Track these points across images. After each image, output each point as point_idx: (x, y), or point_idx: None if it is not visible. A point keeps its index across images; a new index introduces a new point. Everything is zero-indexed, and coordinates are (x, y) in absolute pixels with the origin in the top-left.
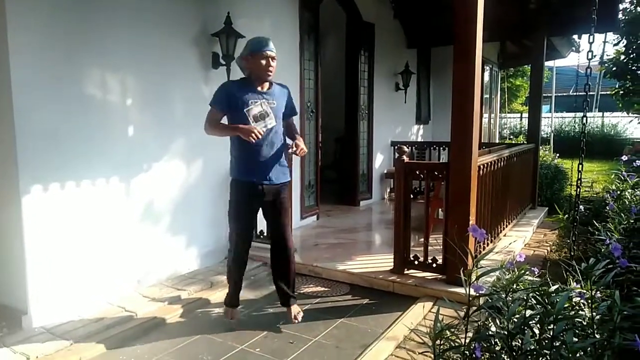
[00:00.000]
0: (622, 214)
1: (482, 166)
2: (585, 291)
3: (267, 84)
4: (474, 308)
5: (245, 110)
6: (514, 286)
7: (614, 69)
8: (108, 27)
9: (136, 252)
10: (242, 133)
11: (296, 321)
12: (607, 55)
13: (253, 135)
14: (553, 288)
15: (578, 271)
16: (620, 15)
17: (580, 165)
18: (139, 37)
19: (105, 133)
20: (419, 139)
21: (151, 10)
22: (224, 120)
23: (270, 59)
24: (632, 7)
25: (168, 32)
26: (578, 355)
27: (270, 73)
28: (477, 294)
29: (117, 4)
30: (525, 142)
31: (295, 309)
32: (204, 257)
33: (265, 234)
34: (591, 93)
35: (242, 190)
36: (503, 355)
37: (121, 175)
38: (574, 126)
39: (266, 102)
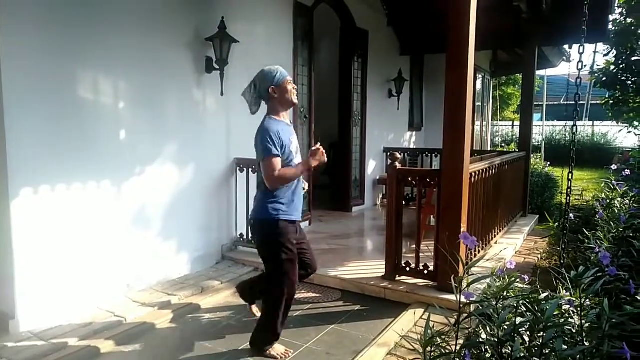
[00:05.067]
0: (611, 223)
1: (473, 173)
2: (574, 299)
3: (287, 115)
4: (465, 315)
5: (290, 146)
6: (505, 294)
7: (604, 79)
8: (101, 30)
9: (126, 257)
10: (315, 161)
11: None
12: (597, 66)
13: (322, 156)
14: (543, 296)
15: (568, 279)
16: (610, 26)
17: (571, 174)
18: (132, 40)
19: (97, 137)
20: (412, 146)
21: (144, 13)
22: None
23: (292, 83)
24: (622, 18)
25: (161, 36)
26: None
27: (296, 97)
28: (468, 301)
29: (110, 8)
30: (516, 150)
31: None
32: (194, 262)
33: None
34: (581, 102)
35: (290, 230)
36: None
37: (112, 179)
38: (565, 135)
39: (294, 134)
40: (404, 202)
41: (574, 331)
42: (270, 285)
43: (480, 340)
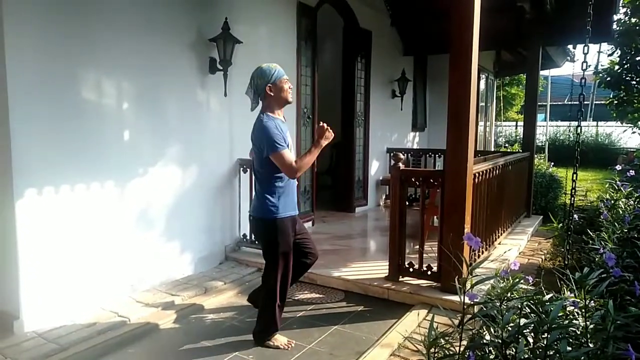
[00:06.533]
0: (615, 223)
1: (477, 174)
2: (579, 300)
3: (281, 112)
4: (469, 316)
5: (287, 141)
6: (509, 295)
7: (608, 79)
8: (105, 32)
9: (130, 257)
10: (325, 139)
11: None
12: (601, 66)
13: (328, 132)
14: (547, 297)
15: (572, 280)
16: (614, 26)
17: (575, 174)
18: (135, 41)
19: (101, 138)
20: (415, 146)
21: (148, 15)
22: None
23: (289, 82)
24: (626, 18)
25: (165, 37)
26: None
27: (291, 95)
28: (472, 302)
29: (114, 9)
30: (520, 151)
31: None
32: (198, 263)
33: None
34: (586, 102)
35: (287, 226)
36: None
37: (116, 180)
38: (569, 135)
39: (288, 131)
40: (407, 203)
41: (579, 332)
42: (266, 277)
43: (484, 341)
